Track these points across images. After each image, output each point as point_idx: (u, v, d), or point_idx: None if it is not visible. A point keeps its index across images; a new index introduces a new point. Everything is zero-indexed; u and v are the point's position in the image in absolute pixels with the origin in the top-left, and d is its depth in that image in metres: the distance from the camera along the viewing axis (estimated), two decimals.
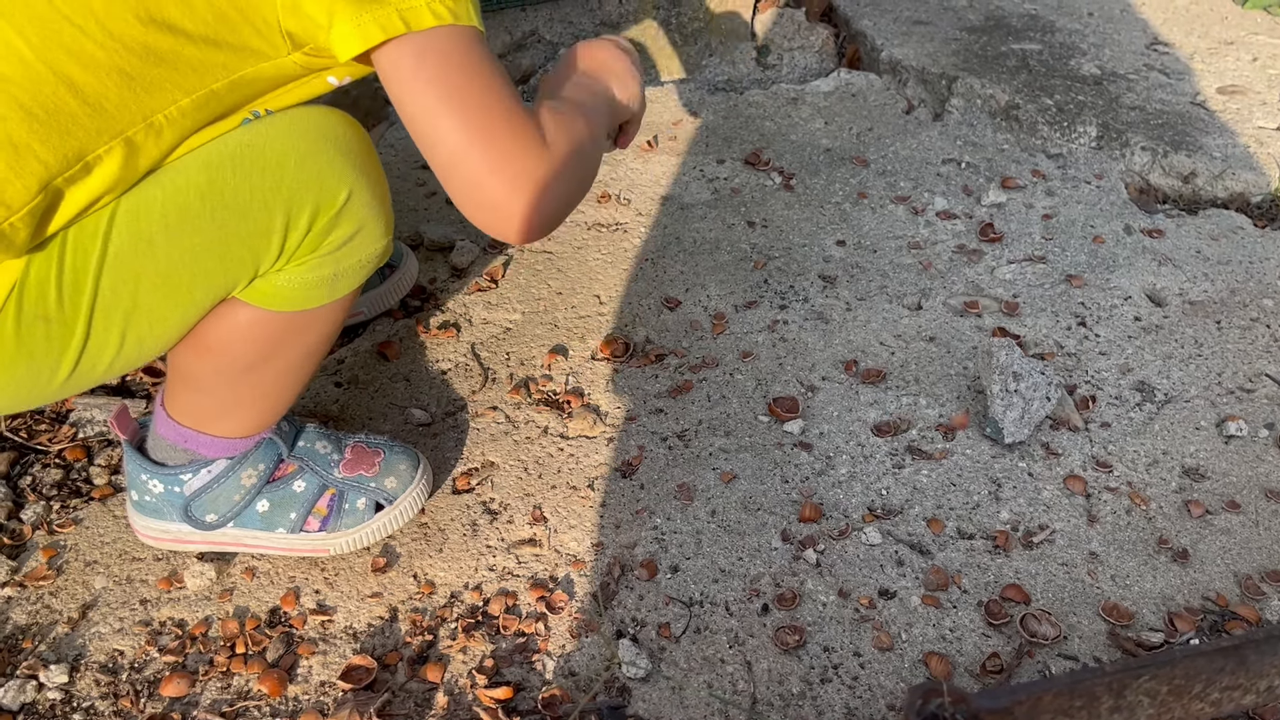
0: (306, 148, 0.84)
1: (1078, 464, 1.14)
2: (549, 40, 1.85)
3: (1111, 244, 1.48)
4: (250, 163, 0.82)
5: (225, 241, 0.83)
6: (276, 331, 0.91)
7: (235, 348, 0.91)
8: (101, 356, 0.85)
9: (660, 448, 1.16)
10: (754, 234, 1.50)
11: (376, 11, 0.76)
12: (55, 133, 0.75)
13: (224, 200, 0.82)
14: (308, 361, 0.96)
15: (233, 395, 0.95)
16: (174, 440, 0.97)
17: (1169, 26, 2.15)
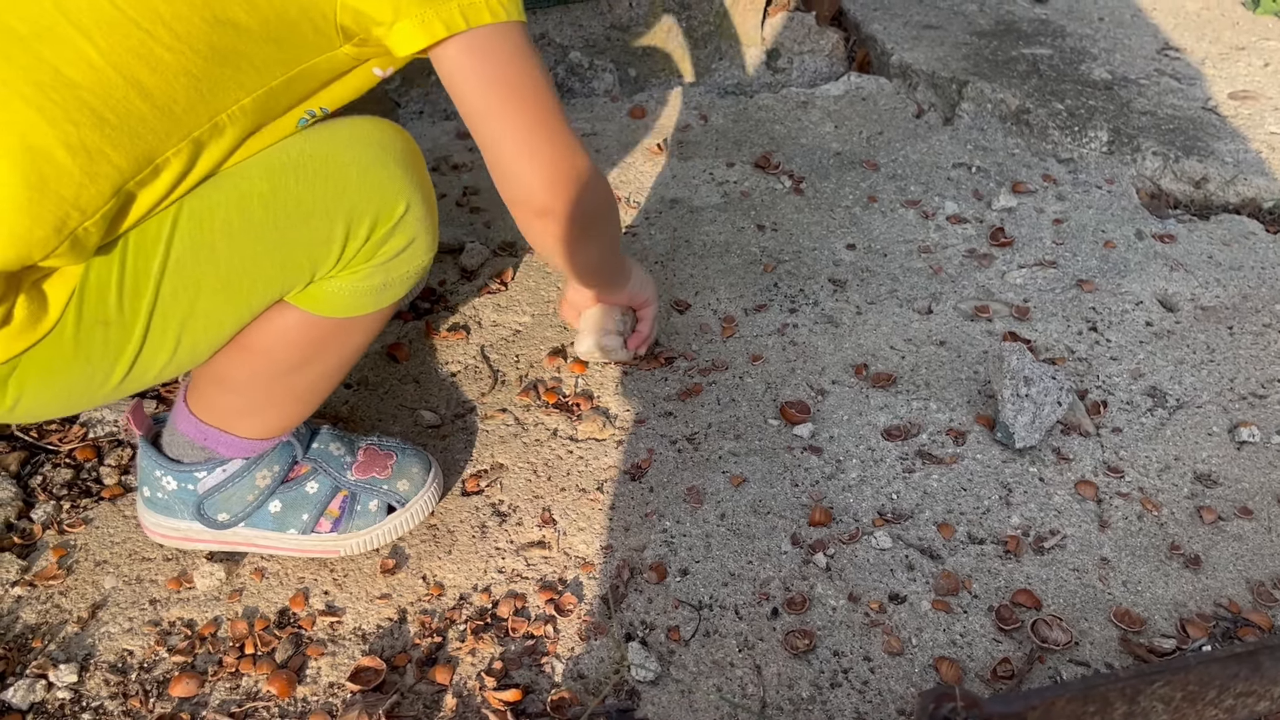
0: (369, 159, 0.86)
1: (1089, 469, 1.13)
2: (559, 43, 1.86)
3: (1123, 249, 1.48)
4: (313, 171, 0.84)
5: (286, 248, 0.84)
6: (320, 336, 0.92)
7: (277, 350, 0.91)
8: (156, 360, 0.86)
9: (669, 451, 1.16)
10: (764, 237, 1.50)
11: (440, 8, 0.80)
12: (126, 136, 0.75)
13: (287, 208, 0.83)
14: (343, 367, 0.97)
15: (265, 397, 0.95)
16: (194, 437, 0.97)
17: (1180, 31, 2.14)
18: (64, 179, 0.73)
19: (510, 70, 0.84)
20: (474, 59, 0.83)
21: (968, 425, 1.19)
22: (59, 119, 0.72)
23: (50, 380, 0.82)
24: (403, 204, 0.87)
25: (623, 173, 1.63)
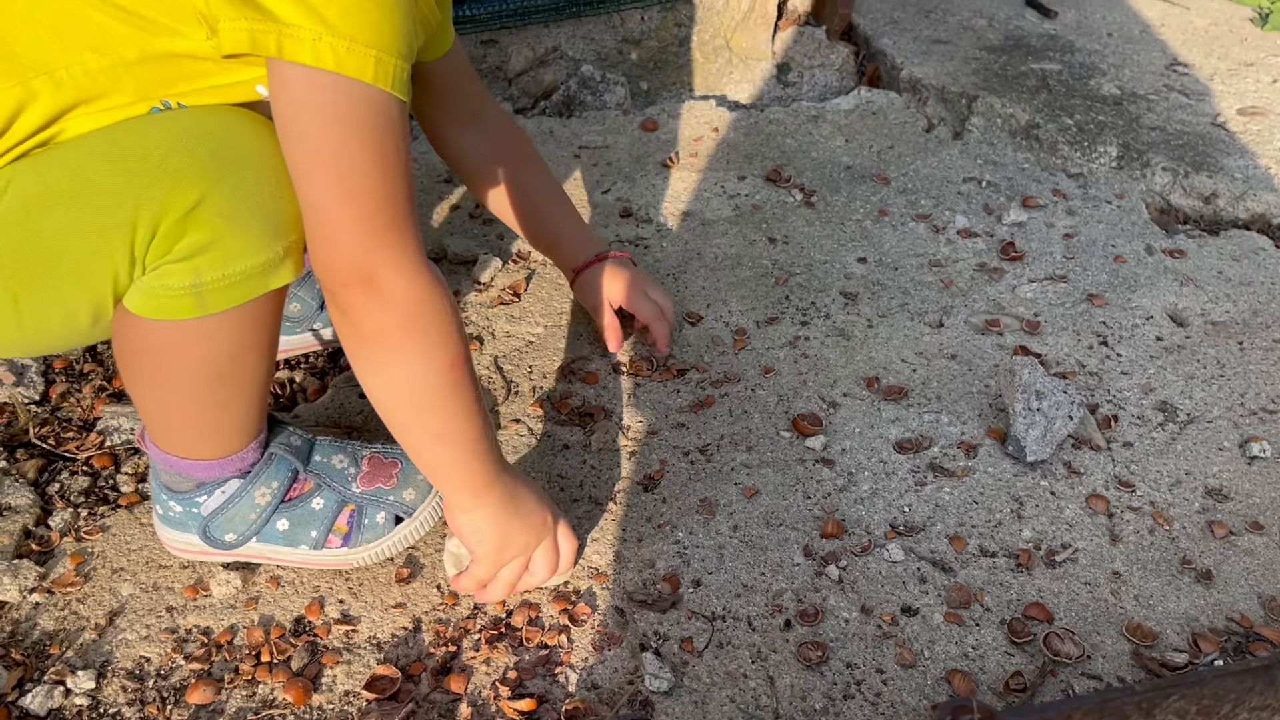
0: (175, 143, 0.80)
1: (1100, 483, 1.14)
2: (571, 56, 1.87)
3: (1133, 264, 1.48)
4: (121, 150, 0.80)
5: (79, 224, 0.79)
6: (164, 343, 0.87)
7: (138, 359, 0.89)
8: (6, 318, 0.83)
9: (682, 462, 1.16)
10: (775, 250, 1.51)
11: (255, 24, 0.72)
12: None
13: (87, 184, 0.79)
14: (222, 384, 0.91)
15: (169, 417, 0.93)
16: (166, 467, 0.97)
17: (1188, 48, 2.15)
18: None
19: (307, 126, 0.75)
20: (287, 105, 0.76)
21: (979, 438, 1.19)
22: None
23: None
24: (194, 194, 0.78)
25: (635, 185, 1.64)
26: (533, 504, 0.97)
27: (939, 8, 2.31)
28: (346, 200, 0.76)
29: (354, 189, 0.76)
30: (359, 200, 0.76)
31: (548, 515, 0.98)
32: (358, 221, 0.77)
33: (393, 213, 0.78)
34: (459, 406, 0.88)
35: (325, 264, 0.80)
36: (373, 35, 0.73)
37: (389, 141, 0.77)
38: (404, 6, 0.77)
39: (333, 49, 0.72)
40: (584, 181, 1.65)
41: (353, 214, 0.77)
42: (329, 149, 0.75)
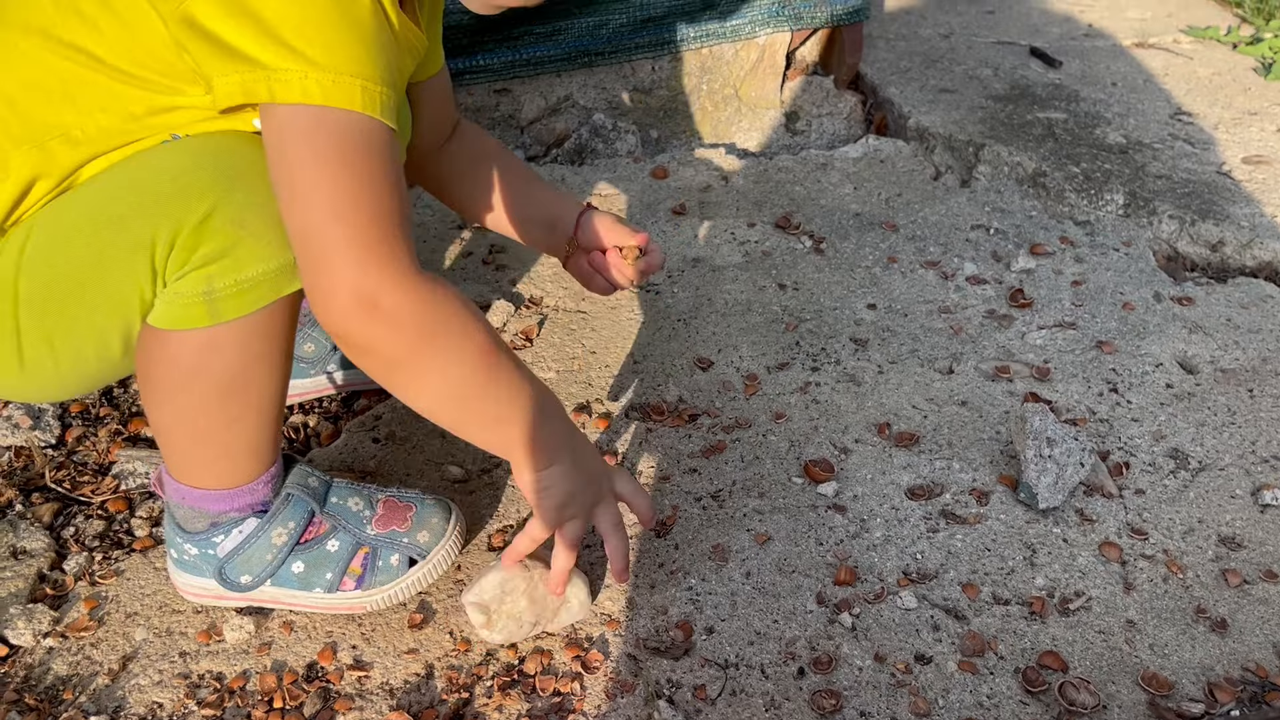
0: (184, 164, 0.84)
1: (1113, 531, 1.14)
2: (583, 105, 1.90)
3: (1141, 311, 1.49)
4: (135, 179, 0.85)
5: (103, 253, 0.84)
6: (178, 354, 0.89)
7: (153, 373, 0.91)
8: (42, 359, 0.88)
9: (694, 508, 1.16)
10: (785, 296, 1.52)
11: (245, 75, 0.75)
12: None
13: (105, 214, 0.84)
14: (231, 396, 0.92)
15: (181, 435, 0.94)
16: (179, 500, 0.98)
17: (1192, 96, 2.18)
18: None
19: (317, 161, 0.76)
20: (275, 138, 0.78)
21: (991, 485, 1.19)
22: None
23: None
24: (205, 205, 0.82)
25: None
26: (596, 463, 0.98)
27: (945, 57, 2.35)
28: (335, 220, 0.76)
29: (342, 210, 0.76)
30: (347, 220, 0.77)
31: (608, 473, 0.99)
32: (348, 241, 0.77)
33: (382, 229, 0.78)
34: (505, 387, 0.87)
35: (324, 299, 0.79)
36: (356, 66, 0.76)
37: (376, 163, 0.78)
38: (382, 37, 0.80)
39: (319, 83, 0.75)
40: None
41: (342, 234, 0.77)
42: (315, 173, 0.77)
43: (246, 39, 0.75)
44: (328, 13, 0.76)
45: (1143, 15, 2.69)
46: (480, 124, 1.85)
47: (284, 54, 0.74)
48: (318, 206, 0.77)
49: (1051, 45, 2.45)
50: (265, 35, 0.74)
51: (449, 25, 1.69)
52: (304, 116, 0.76)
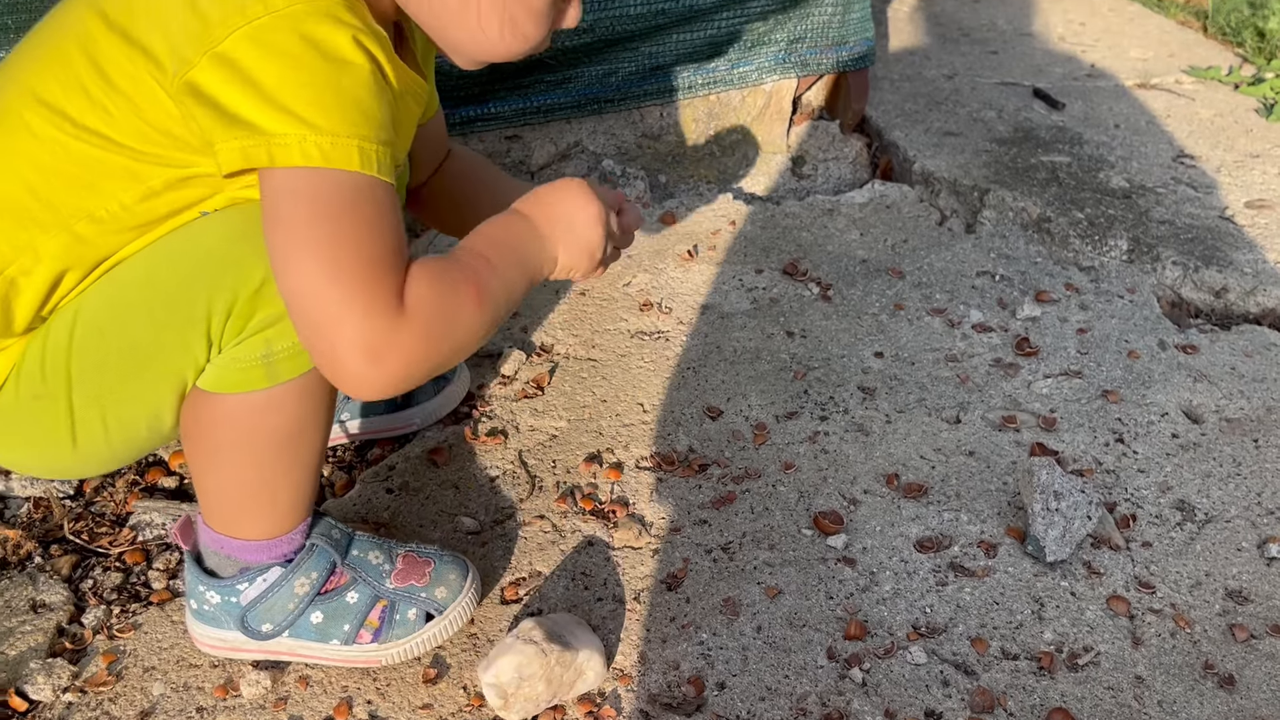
0: (230, 235, 0.86)
1: (1120, 584, 1.15)
2: (593, 151, 1.92)
3: (1146, 359, 1.50)
4: (181, 255, 0.87)
5: (158, 329, 0.87)
6: (233, 414, 0.92)
7: (206, 435, 0.93)
8: (94, 438, 0.91)
9: (705, 560, 1.18)
10: (793, 344, 1.53)
11: (245, 141, 0.77)
12: (11, 226, 0.85)
13: (157, 292, 0.87)
14: (284, 453, 0.96)
15: (230, 491, 0.97)
16: (215, 548, 1.00)
17: (1194, 139, 2.20)
18: None
19: (314, 219, 0.77)
20: (273, 199, 0.79)
21: (998, 537, 1.21)
22: None
23: (15, 441, 0.94)
24: (259, 274, 0.85)
25: (655, 278, 1.67)
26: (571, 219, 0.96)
27: (949, 99, 2.37)
28: (330, 282, 0.77)
29: (338, 270, 0.77)
30: (343, 280, 0.77)
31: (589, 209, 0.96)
32: (345, 303, 0.77)
33: (373, 274, 0.78)
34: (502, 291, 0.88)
35: (330, 363, 0.78)
36: (352, 126, 0.78)
37: (372, 212, 0.79)
38: (378, 94, 0.81)
39: (318, 146, 0.77)
40: (605, 274, 1.68)
41: (338, 295, 0.77)
42: (309, 233, 0.77)
43: (246, 105, 0.77)
44: (324, 76, 0.78)
45: (1144, 55, 2.73)
46: None
47: (283, 119, 0.77)
48: (312, 269, 0.77)
49: (1054, 86, 2.48)
50: (264, 101, 0.77)
51: (461, 75, 1.72)
52: (301, 179, 0.78)
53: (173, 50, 0.79)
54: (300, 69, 0.77)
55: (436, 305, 0.81)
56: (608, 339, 1.54)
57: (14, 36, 1.44)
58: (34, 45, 0.88)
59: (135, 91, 0.82)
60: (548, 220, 0.95)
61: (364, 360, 0.77)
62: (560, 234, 0.95)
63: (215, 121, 0.78)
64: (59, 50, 0.85)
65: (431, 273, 0.82)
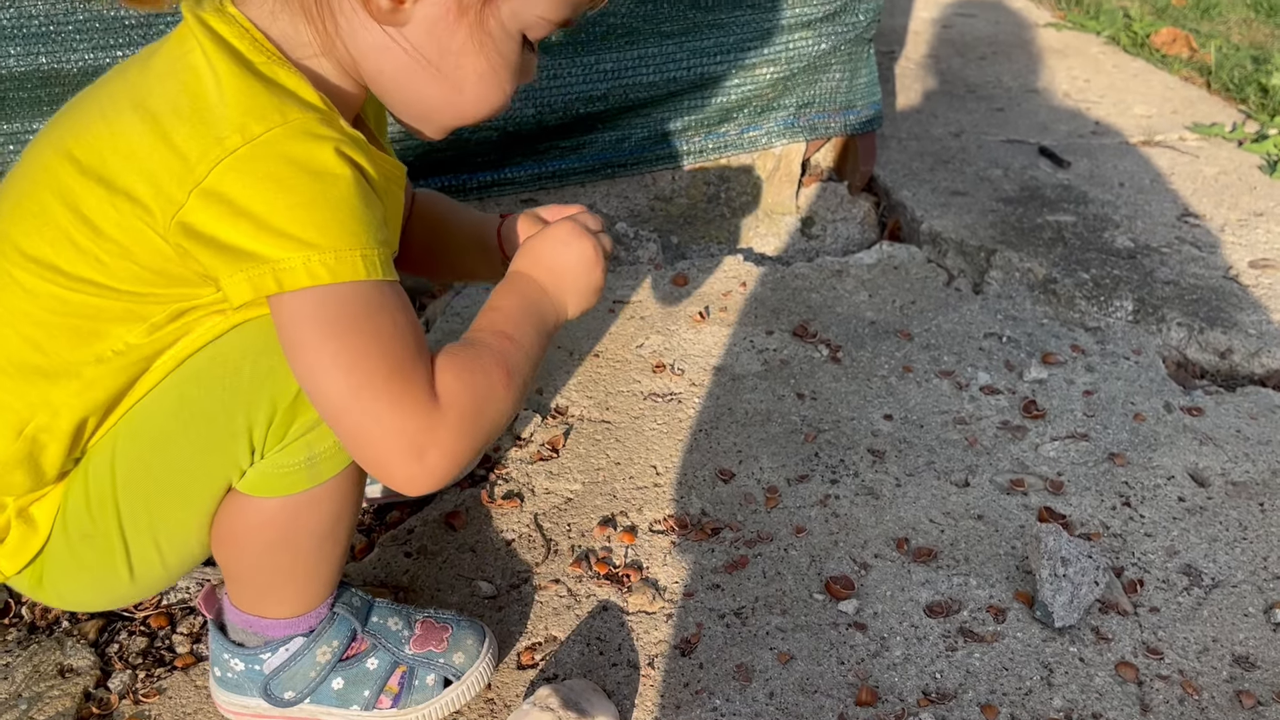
0: (256, 348, 0.88)
1: (1128, 650, 1.16)
2: (606, 214, 1.97)
3: (1152, 422, 1.53)
4: (210, 374, 0.88)
5: (202, 451, 0.90)
6: (276, 517, 0.95)
7: (246, 537, 0.96)
8: (151, 564, 0.95)
9: (718, 625, 1.20)
10: (804, 406, 1.56)
11: (250, 271, 0.78)
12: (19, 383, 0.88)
13: (193, 414, 0.89)
14: (325, 543, 0.99)
15: (266, 581, 1.00)
16: (242, 625, 1.03)
17: (1199, 197, 2.23)
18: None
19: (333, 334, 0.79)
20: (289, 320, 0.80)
21: (1007, 602, 1.22)
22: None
23: (72, 583, 0.97)
24: (294, 380, 0.87)
25: (667, 340, 1.71)
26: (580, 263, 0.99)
27: (956, 157, 2.42)
28: (363, 393, 0.79)
29: (367, 381, 0.79)
30: (375, 389, 0.79)
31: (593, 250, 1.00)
32: (374, 414, 0.80)
33: (400, 376, 0.80)
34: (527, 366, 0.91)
35: (383, 470, 0.82)
36: (352, 237, 0.79)
37: (386, 319, 0.81)
38: (365, 198, 0.82)
39: (323, 264, 0.78)
40: (618, 336, 1.72)
41: (373, 405, 0.80)
42: (331, 350, 0.79)
43: (244, 236, 0.77)
44: (314, 193, 0.78)
45: (1148, 111, 2.77)
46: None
47: (283, 243, 0.77)
48: (342, 387, 0.79)
49: (1060, 143, 2.52)
50: (261, 229, 0.77)
51: (478, 140, 1.77)
52: (312, 300, 0.79)
53: (157, 192, 0.79)
54: (290, 191, 0.78)
55: (469, 394, 0.84)
56: (621, 401, 1.57)
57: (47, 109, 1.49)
58: (9, 200, 0.88)
59: (125, 237, 0.82)
60: (551, 275, 0.98)
61: (410, 461, 0.81)
62: (567, 285, 0.98)
63: (216, 258, 0.79)
64: (37, 203, 0.85)
65: (459, 363, 0.85)
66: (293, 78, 0.84)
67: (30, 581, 0.97)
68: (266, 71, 0.84)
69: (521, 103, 1.77)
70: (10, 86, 1.47)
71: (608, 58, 1.80)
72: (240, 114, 0.79)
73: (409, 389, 0.81)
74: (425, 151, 1.74)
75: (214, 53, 0.82)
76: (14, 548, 0.94)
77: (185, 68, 0.83)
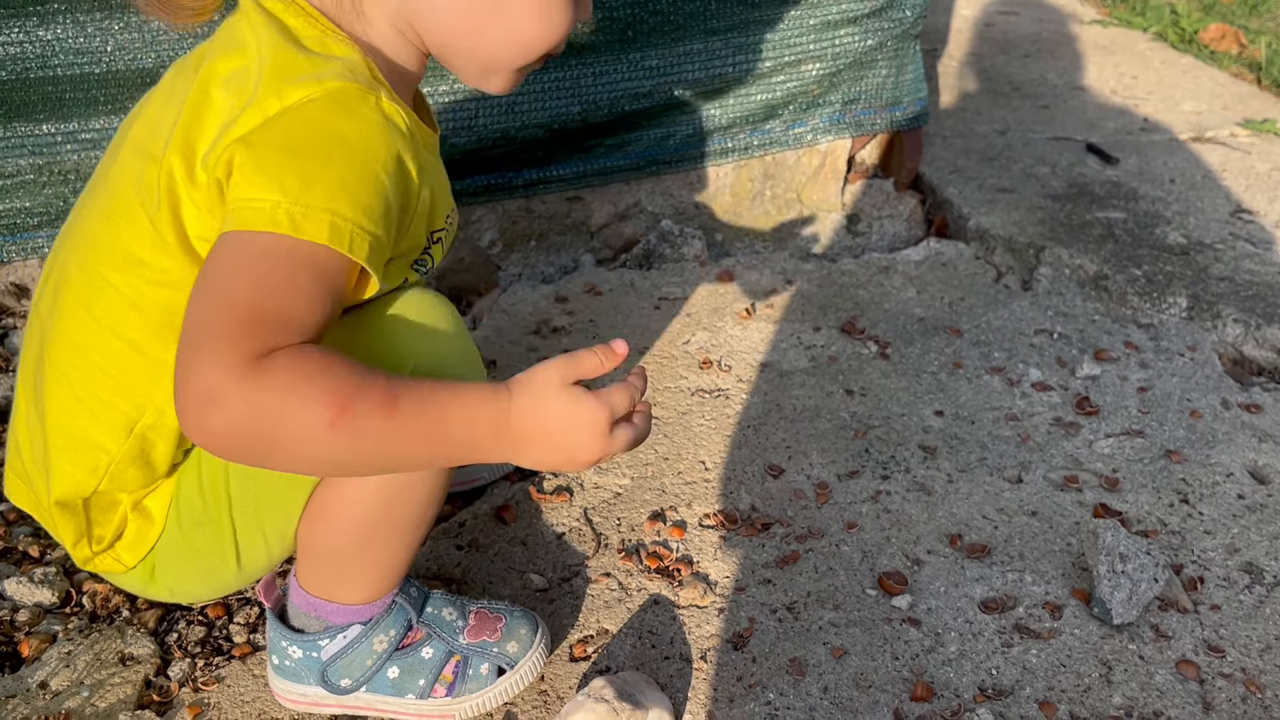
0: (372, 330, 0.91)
1: (1189, 648, 1.14)
2: (651, 211, 1.97)
3: (1209, 418, 1.50)
4: None
5: None
6: (374, 496, 0.96)
7: (343, 516, 0.97)
8: (257, 549, 0.98)
9: (770, 620, 1.19)
10: (853, 402, 1.55)
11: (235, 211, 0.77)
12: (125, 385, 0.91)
13: None
14: (416, 526, 1.01)
15: (350, 562, 1.01)
16: (306, 609, 1.04)
17: (1251, 193, 2.19)
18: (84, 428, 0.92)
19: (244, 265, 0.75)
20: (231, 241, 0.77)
21: (1064, 599, 1.21)
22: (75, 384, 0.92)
23: (183, 573, 1.01)
24: (409, 365, 0.89)
25: (714, 336, 1.70)
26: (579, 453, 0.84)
27: (1002, 155, 2.40)
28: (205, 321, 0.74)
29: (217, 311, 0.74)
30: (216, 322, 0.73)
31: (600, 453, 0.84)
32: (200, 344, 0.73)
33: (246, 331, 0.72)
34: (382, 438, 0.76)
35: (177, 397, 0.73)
36: (334, 203, 0.77)
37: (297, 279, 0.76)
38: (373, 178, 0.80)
39: (289, 215, 0.76)
40: (665, 332, 1.72)
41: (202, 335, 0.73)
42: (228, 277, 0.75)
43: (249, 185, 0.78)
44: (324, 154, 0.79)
45: (1198, 108, 2.73)
46: (552, 231, 1.93)
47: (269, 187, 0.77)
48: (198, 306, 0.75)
49: (1108, 140, 2.49)
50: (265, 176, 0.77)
51: (524, 138, 1.78)
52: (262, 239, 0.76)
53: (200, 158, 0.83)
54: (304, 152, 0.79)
55: (283, 393, 0.72)
56: (669, 397, 1.57)
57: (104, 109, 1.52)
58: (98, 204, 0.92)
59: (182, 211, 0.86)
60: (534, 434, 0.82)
61: (196, 404, 0.72)
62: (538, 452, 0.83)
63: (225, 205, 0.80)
64: (120, 201, 0.89)
65: (310, 363, 0.74)
66: (344, 48, 0.87)
67: (142, 577, 1.01)
68: (318, 47, 0.86)
69: (567, 100, 1.78)
70: (66, 87, 1.50)
71: (653, 54, 1.81)
72: (277, 79, 0.81)
73: (241, 343, 0.72)
74: (472, 149, 1.75)
75: (262, 29, 0.85)
76: (132, 540, 0.98)
77: (236, 47, 0.87)
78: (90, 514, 0.97)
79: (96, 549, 0.99)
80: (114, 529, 0.98)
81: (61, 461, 0.94)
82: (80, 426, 0.93)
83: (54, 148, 1.53)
